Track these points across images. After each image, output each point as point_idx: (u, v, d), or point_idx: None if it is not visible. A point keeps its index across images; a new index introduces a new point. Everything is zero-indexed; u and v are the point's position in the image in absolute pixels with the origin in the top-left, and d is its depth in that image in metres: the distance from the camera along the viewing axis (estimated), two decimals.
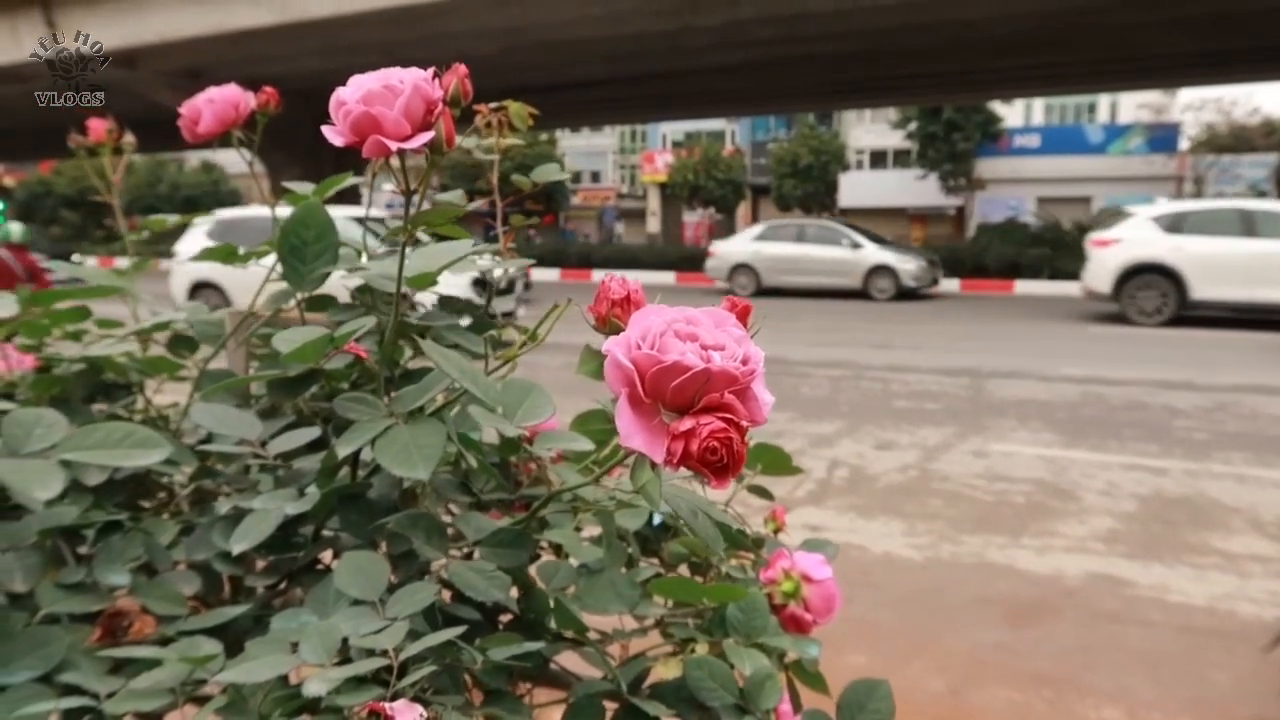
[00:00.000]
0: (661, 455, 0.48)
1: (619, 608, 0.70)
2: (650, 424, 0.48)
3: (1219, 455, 6.08)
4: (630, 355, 0.47)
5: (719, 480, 0.48)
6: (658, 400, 0.48)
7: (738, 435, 0.47)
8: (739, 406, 0.48)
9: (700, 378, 0.46)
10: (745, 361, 0.49)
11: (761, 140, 35.24)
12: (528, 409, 0.66)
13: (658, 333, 0.48)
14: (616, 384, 0.48)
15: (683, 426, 0.47)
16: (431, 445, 0.58)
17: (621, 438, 0.48)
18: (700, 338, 0.48)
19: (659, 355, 0.47)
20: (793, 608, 0.77)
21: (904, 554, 4.51)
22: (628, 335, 0.49)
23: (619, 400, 0.48)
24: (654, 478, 0.50)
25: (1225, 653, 3.47)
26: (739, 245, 18.10)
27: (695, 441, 0.47)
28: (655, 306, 0.50)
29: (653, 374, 0.47)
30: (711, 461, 0.47)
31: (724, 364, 0.47)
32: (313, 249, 0.80)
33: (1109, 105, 31.15)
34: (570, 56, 14.68)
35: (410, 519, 0.67)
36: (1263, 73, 17.49)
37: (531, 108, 1.08)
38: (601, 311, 0.58)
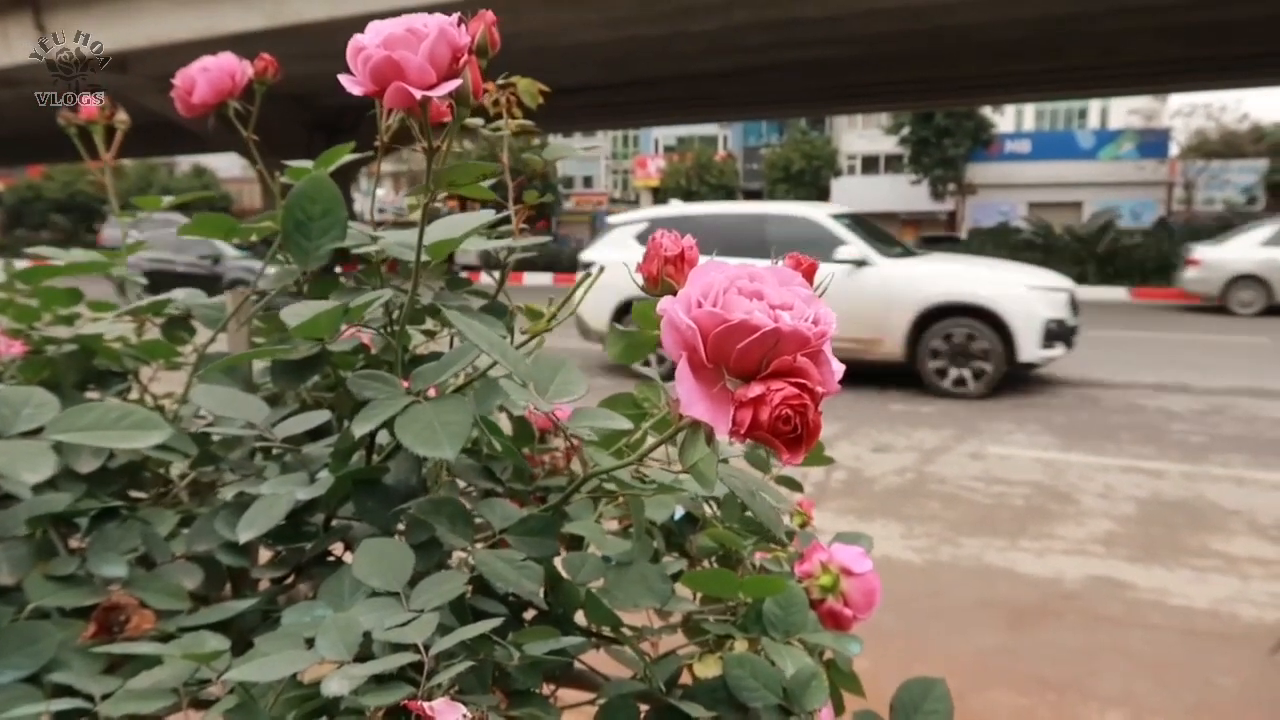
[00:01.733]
0: (727, 425, 0.43)
1: (650, 602, 0.66)
2: (713, 391, 0.43)
3: (1216, 458, 6.06)
4: (691, 314, 0.43)
5: (792, 453, 0.43)
6: (721, 365, 0.44)
7: (812, 402, 0.43)
8: (813, 370, 0.43)
9: (770, 338, 0.42)
10: (816, 322, 0.44)
11: (754, 145, 35.30)
12: (560, 385, 0.62)
13: (721, 289, 0.44)
14: (674, 347, 0.44)
15: (751, 393, 0.43)
16: (458, 423, 0.53)
17: (682, 405, 0.43)
18: (766, 296, 0.44)
19: (723, 314, 0.43)
20: (831, 603, 0.73)
21: (903, 556, 4.47)
22: (687, 292, 0.44)
23: (678, 365, 0.44)
24: (710, 454, 0.46)
25: (1229, 656, 3.44)
26: (1240, 252, 14.97)
27: (766, 409, 0.42)
28: (715, 262, 0.46)
29: (716, 334, 0.43)
30: (784, 432, 0.43)
31: (794, 324, 0.43)
32: (319, 224, 0.75)
33: (1099, 111, 31.31)
34: (565, 62, 14.66)
35: (433, 505, 0.62)
36: (1252, 79, 17.58)
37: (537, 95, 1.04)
38: (653, 271, 0.53)
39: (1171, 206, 26.75)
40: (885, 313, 8.37)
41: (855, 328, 8.31)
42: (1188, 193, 26.23)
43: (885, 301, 8.38)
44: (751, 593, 0.69)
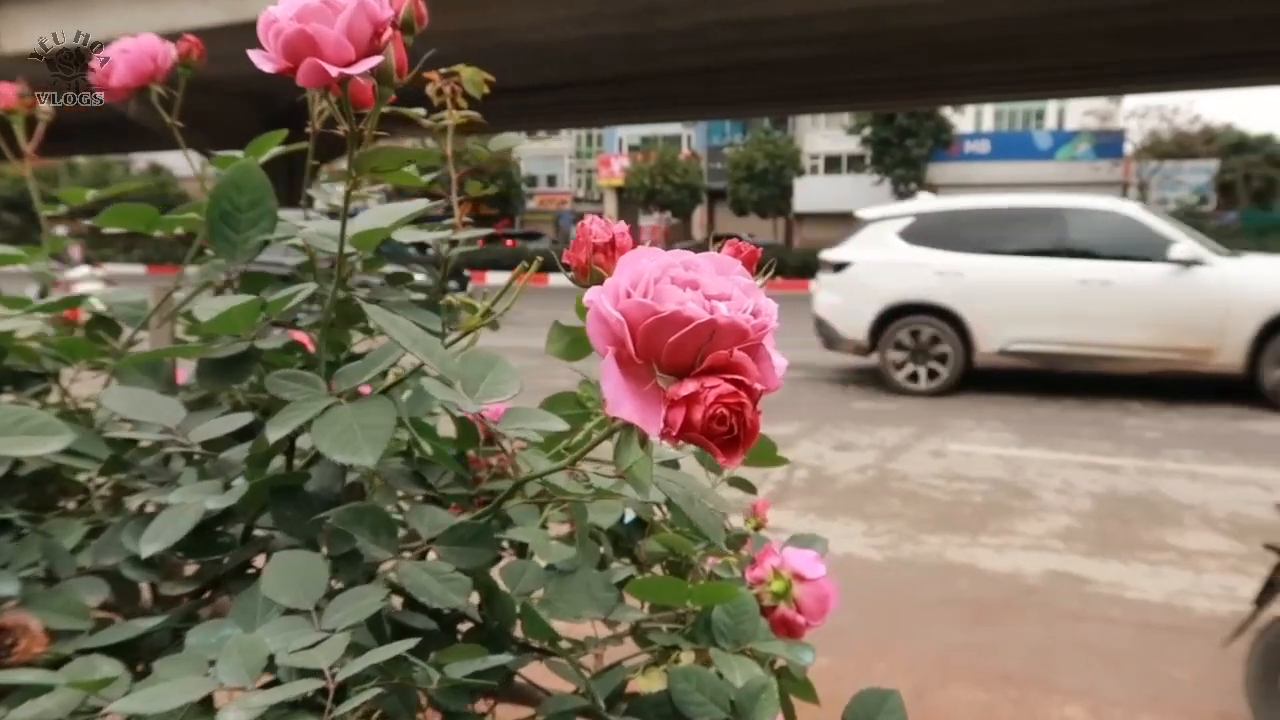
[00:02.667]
0: (657, 426, 0.40)
1: (594, 612, 0.62)
2: (643, 389, 0.40)
3: (1170, 453, 6.17)
4: (619, 305, 0.40)
5: (728, 456, 0.40)
6: (652, 360, 0.40)
7: (750, 401, 0.40)
8: (750, 367, 0.40)
9: (704, 331, 0.39)
10: (756, 314, 0.41)
11: (717, 145, 35.40)
12: (490, 384, 0.57)
13: (652, 278, 0.40)
14: (601, 341, 0.40)
15: (684, 390, 0.39)
16: (379, 426, 0.49)
17: (608, 406, 0.40)
18: (702, 285, 0.41)
19: (654, 305, 0.39)
20: (784, 609, 0.70)
21: (865, 554, 4.48)
22: (615, 281, 0.41)
23: (604, 361, 0.40)
24: (644, 457, 0.42)
25: (1185, 649, 3.49)
26: None
27: (699, 408, 0.39)
28: (647, 249, 0.43)
29: (646, 327, 0.39)
30: (719, 433, 0.39)
31: (732, 316, 0.40)
32: (247, 216, 0.71)
33: (1056, 112, 31.82)
34: (534, 59, 14.59)
35: (354, 513, 0.58)
36: (1203, 81, 17.98)
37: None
38: (581, 259, 0.50)
39: None
40: (1223, 319, 7.40)
41: (1183, 336, 7.48)
42: (1142, 193, 26.73)
43: (1223, 307, 7.39)
44: (700, 601, 0.66)
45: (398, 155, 0.49)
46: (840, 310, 8.66)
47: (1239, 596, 3.73)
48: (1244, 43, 13.54)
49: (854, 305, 8.52)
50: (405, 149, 0.49)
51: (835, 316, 8.73)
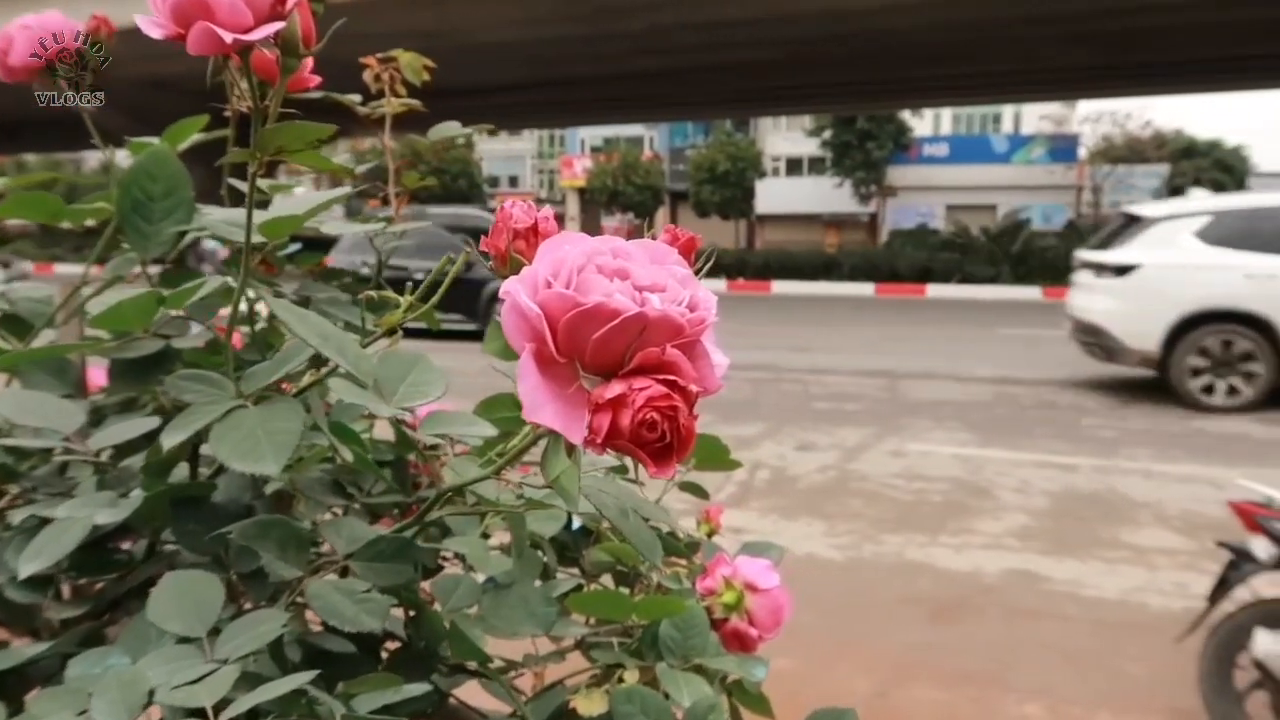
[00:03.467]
0: (580, 432, 0.36)
1: (532, 628, 0.58)
2: (565, 391, 0.36)
3: (1125, 452, 6.26)
4: (537, 296, 0.36)
5: (660, 466, 0.36)
6: (575, 358, 0.36)
7: (684, 404, 0.36)
8: (685, 366, 0.36)
9: (633, 326, 0.35)
10: (693, 307, 0.37)
11: (680, 146, 35.45)
12: (412, 386, 0.53)
13: (575, 267, 0.36)
14: (518, 337, 0.36)
15: (610, 393, 0.35)
16: (285, 432, 0.45)
17: (525, 410, 0.36)
18: (633, 275, 0.37)
19: (577, 296, 0.35)
20: (735, 622, 0.66)
21: (826, 555, 4.49)
22: (534, 270, 0.37)
23: (521, 360, 0.36)
24: (572, 467, 0.39)
25: (1139, 645, 3.53)
26: None
27: (627, 413, 0.35)
28: (572, 234, 0.39)
29: (568, 321, 0.35)
30: (649, 440, 0.35)
31: (665, 309, 0.36)
32: (161, 205, 0.66)
33: (1013, 116, 32.30)
34: (492, 59, 14.46)
35: (259, 527, 0.53)
36: (1155, 87, 18.35)
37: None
38: (500, 246, 0.46)
39: (1080, 210, 27.74)
40: None
41: None
42: (1095, 196, 27.24)
43: None
44: (645, 615, 0.62)
45: (304, 132, 0.45)
46: (1125, 317, 7.71)
47: (1192, 593, 3.79)
48: (1195, 50, 13.84)
49: (1144, 312, 7.56)
50: (315, 125, 0.45)
51: (1118, 325, 7.74)
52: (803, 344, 11.76)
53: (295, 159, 0.48)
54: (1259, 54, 13.92)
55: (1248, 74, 15.85)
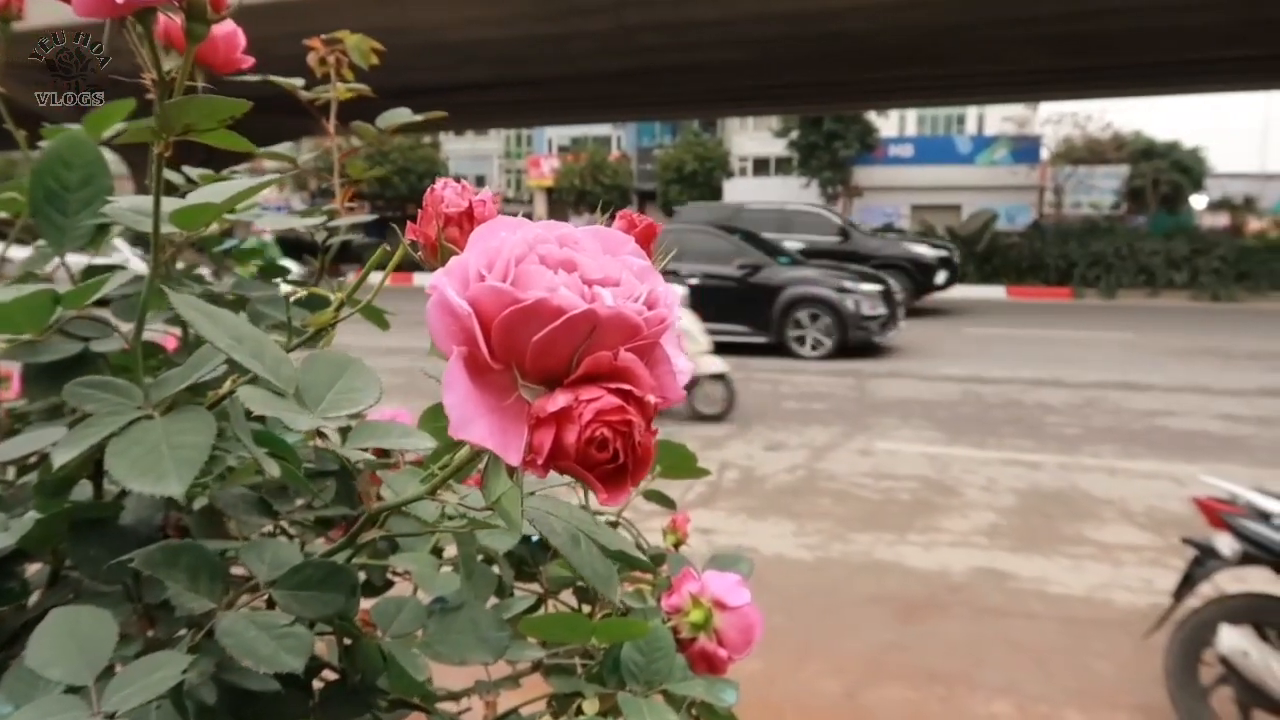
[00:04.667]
0: (518, 452, 0.31)
1: (482, 655, 0.53)
2: (501, 403, 0.31)
3: (1089, 449, 6.32)
4: (468, 291, 0.31)
5: (612, 490, 0.31)
6: (512, 364, 0.31)
7: (641, 418, 0.30)
8: (642, 373, 0.31)
9: (581, 326, 0.30)
10: (652, 304, 0.32)
11: (647, 146, 35.44)
12: (341, 393, 0.47)
13: (513, 257, 0.31)
14: (445, 339, 0.31)
15: (553, 405, 0.30)
16: (192, 446, 0.39)
17: (453, 426, 0.30)
18: (581, 266, 0.32)
19: (514, 291, 0.30)
20: (703, 642, 0.62)
21: (795, 554, 4.47)
22: (465, 260, 0.32)
23: (448, 366, 0.31)
24: (513, 488, 0.34)
25: (1106, 642, 3.55)
26: None
27: (573, 429, 0.30)
28: (512, 219, 0.34)
29: (504, 320, 0.30)
30: (599, 461, 0.30)
31: (618, 306, 0.31)
32: (77, 195, 0.60)
33: (976, 118, 32.66)
34: (456, 58, 14.33)
35: (166, 553, 0.46)
36: (1114, 89, 18.64)
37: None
38: (429, 235, 0.40)
39: (1043, 210, 28.10)
40: None
41: None
42: (1057, 197, 27.60)
43: None
44: (605, 638, 0.58)
45: (213, 108, 0.39)
46: None
47: (1157, 589, 3.82)
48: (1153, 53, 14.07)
49: None
50: (225, 100, 0.39)
51: None
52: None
53: (207, 139, 0.43)
54: (1215, 58, 14.21)
55: (1204, 77, 16.17)
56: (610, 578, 0.40)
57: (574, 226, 0.33)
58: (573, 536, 0.39)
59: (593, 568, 0.39)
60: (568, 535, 0.39)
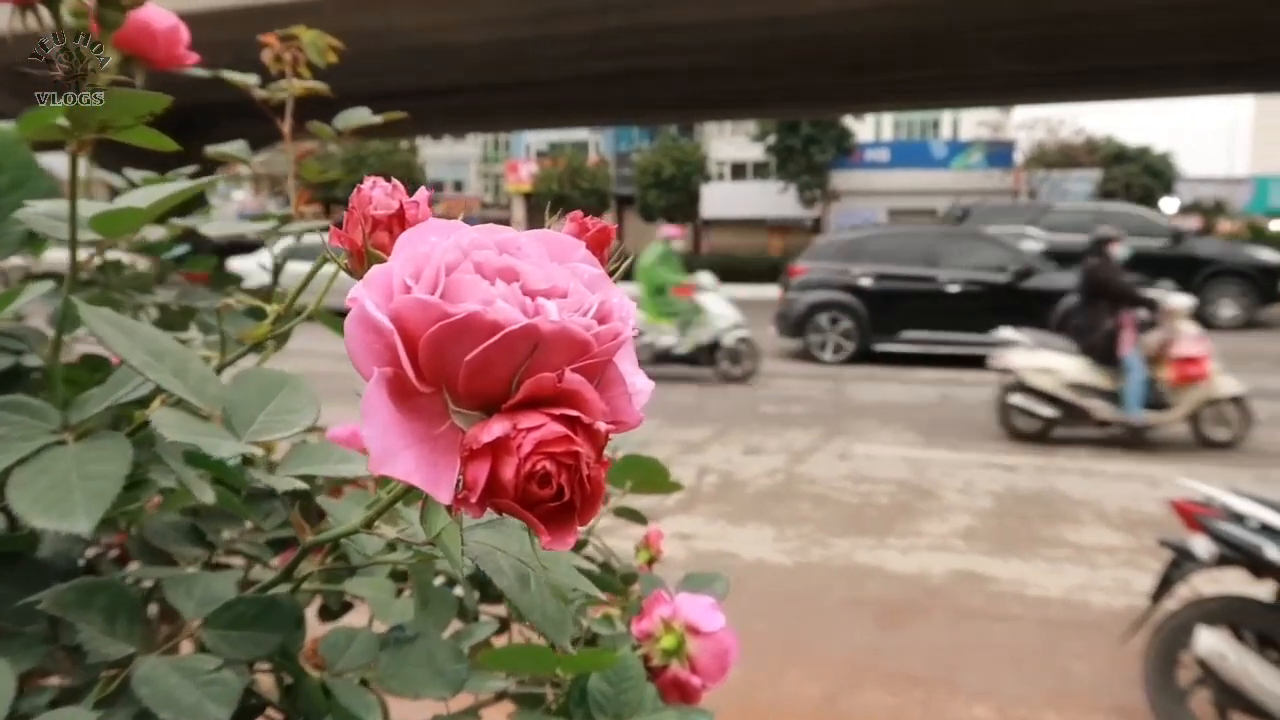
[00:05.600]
0: (449, 488, 0.27)
1: (438, 689, 0.49)
2: (431, 432, 0.27)
3: (1064, 451, 6.35)
4: (391, 306, 0.27)
5: (557, 532, 0.27)
6: (443, 387, 0.27)
7: (590, 448, 0.27)
8: (590, 396, 0.27)
9: (520, 344, 0.26)
10: (604, 317, 0.29)
11: (625, 151, 35.43)
12: (274, 415, 0.43)
13: (443, 265, 0.27)
14: (364, 359, 0.27)
15: (487, 435, 0.26)
16: (105, 477, 0.35)
17: (373, 461, 0.26)
18: (523, 276, 0.28)
19: (443, 304, 0.26)
20: (676, 669, 0.58)
21: (775, 559, 4.45)
22: (389, 269, 0.28)
23: (366, 390, 0.27)
24: (452, 524, 0.30)
25: (1083, 643, 3.55)
26: None
27: (510, 462, 0.26)
28: (445, 222, 0.31)
29: (432, 338, 0.26)
30: (541, 499, 0.26)
31: (564, 320, 0.27)
32: (8, 200, 0.56)
33: (951, 123, 32.93)
34: (436, 62, 14.25)
35: (80, 592, 0.42)
36: (1086, 93, 18.84)
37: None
38: (356, 241, 0.36)
39: None
40: None
41: None
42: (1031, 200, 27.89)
43: None
44: (571, 669, 0.54)
45: (131, 103, 0.36)
46: None
47: (1134, 590, 3.83)
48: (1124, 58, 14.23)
49: None
50: (145, 95, 0.36)
51: None
52: None
53: (124, 136, 0.39)
54: (1183, 63, 14.38)
55: (1173, 81, 16.37)
56: (563, 623, 0.36)
57: (517, 231, 0.30)
58: (522, 576, 0.36)
59: (543, 612, 0.35)
60: (515, 575, 0.35)
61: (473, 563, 0.33)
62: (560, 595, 0.36)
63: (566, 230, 0.34)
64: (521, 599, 0.34)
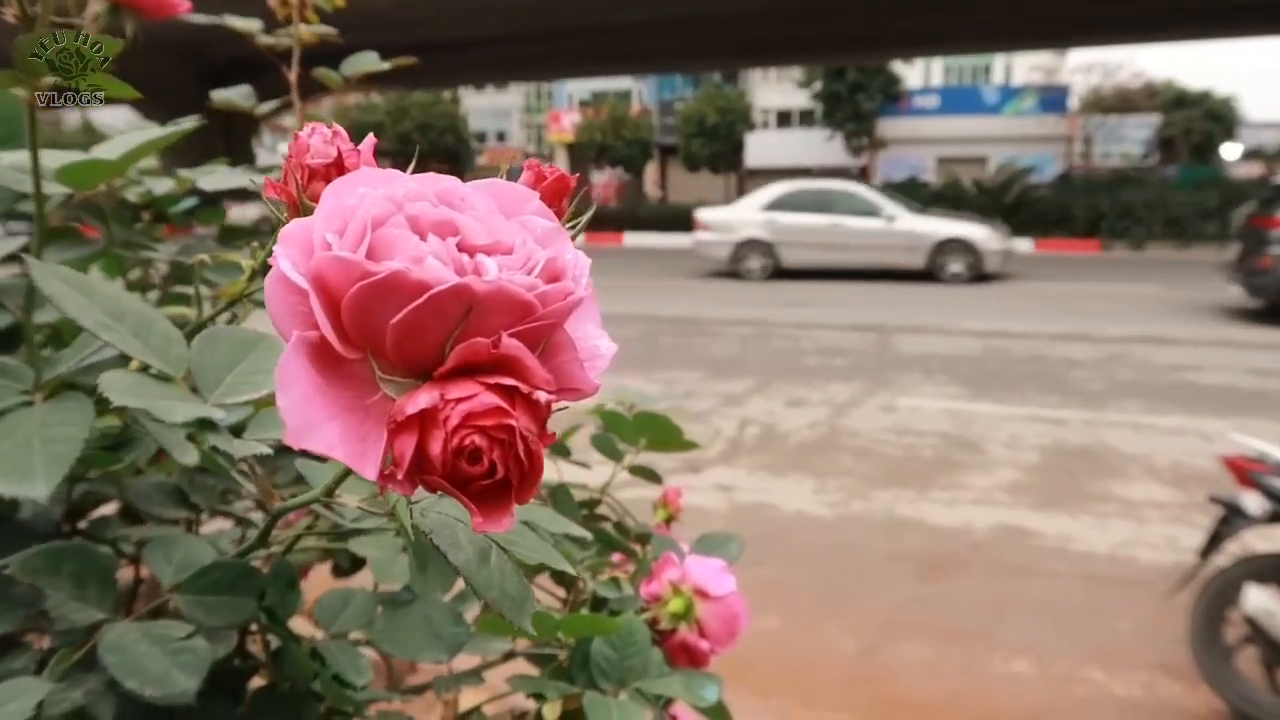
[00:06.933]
0: (374, 463, 0.25)
1: (436, 653, 0.48)
2: (360, 402, 0.25)
3: (1115, 404, 6.21)
4: (311, 264, 0.24)
5: (489, 513, 0.25)
6: (370, 353, 0.25)
7: (529, 420, 0.24)
8: (530, 363, 0.24)
9: (451, 305, 0.23)
10: (554, 275, 0.26)
11: (668, 100, 34.95)
12: (243, 375, 0.40)
13: (370, 219, 0.24)
14: (285, 323, 0.25)
15: (413, 406, 0.24)
16: (66, 440, 0.34)
17: (290, 433, 0.24)
18: (463, 230, 0.25)
19: (363, 263, 0.24)
20: (684, 633, 0.57)
21: (815, 511, 4.44)
22: (311, 223, 0.25)
23: (283, 356, 0.24)
24: (402, 497, 0.28)
25: (1128, 600, 3.50)
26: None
27: (438, 436, 0.23)
28: (382, 171, 0.27)
29: (354, 300, 0.24)
30: (471, 476, 0.24)
31: (501, 280, 0.24)
32: None
33: (1004, 67, 31.89)
34: (473, 12, 14.11)
35: (48, 558, 0.41)
36: (1145, 35, 18.08)
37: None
38: (291, 192, 0.33)
39: (1072, 161, 27.52)
40: None
41: None
42: (1086, 147, 27.00)
43: None
44: (572, 633, 0.53)
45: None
46: None
47: (1182, 546, 3.76)
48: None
49: None
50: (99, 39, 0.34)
51: None
52: (792, 299, 11.64)
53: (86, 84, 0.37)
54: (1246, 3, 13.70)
55: (1236, 22, 15.62)
56: (523, 602, 0.34)
57: (461, 182, 0.27)
58: (482, 551, 0.34)
59: (502, 589, 0.33)
60: (475, 549, 0.33)
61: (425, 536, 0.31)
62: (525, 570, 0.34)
63: (523, 180, 0.31)
64: (478, 576, 0.32)
